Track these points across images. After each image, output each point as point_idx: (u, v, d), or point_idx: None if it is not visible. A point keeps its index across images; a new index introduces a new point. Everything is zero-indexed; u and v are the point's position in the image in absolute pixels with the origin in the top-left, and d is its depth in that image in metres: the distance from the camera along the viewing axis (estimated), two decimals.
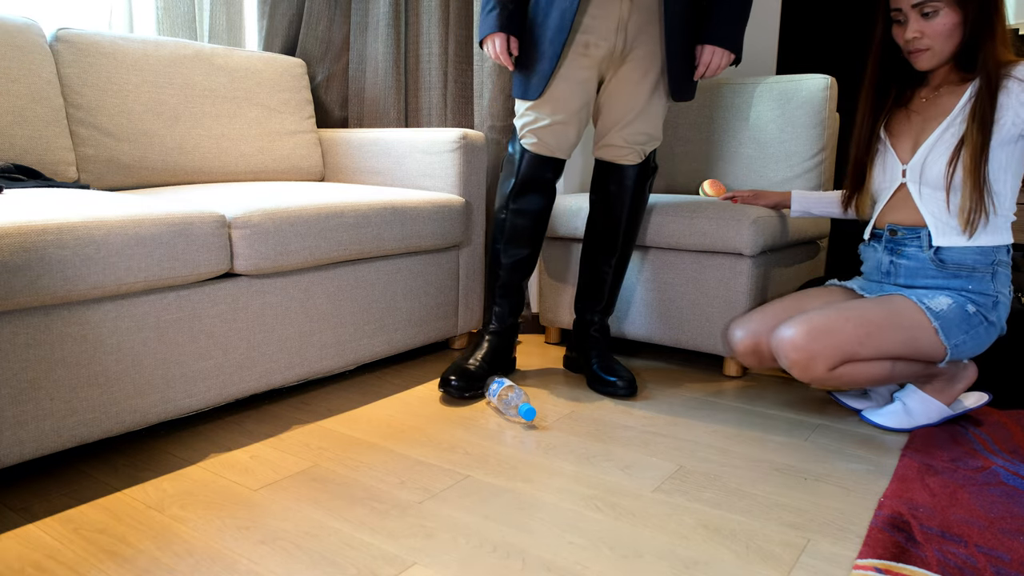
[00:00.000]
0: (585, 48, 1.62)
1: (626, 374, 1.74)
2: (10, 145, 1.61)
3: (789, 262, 2.09)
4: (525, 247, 1.77)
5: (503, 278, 1.79)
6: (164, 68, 1.91)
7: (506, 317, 1.82)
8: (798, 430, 1.55)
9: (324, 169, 2.33)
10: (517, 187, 1.73)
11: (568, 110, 1.66)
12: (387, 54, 2.32)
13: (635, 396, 1.74)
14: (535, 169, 1.71)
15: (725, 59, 1.63)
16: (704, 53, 1.62)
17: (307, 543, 1.07)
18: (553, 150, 1.70)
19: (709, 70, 1.64)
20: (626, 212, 1.75)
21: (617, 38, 1.62)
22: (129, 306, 1.28)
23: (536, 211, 1.75)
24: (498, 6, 1.62)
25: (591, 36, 1.61)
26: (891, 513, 1.16)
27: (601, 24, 1.61)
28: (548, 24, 1.60)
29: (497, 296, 1.81)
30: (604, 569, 1.01)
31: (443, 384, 1.68)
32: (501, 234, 1.77)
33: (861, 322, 1.45)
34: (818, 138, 2.25)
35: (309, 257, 1.58)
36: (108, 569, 0.99)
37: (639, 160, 1.72)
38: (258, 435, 1.47)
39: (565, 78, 1.64)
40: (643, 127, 1.69)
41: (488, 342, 1.80)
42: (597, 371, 1.77)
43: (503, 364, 1.83)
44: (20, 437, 1.16)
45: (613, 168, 1.73)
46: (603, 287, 1.82)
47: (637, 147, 1.70)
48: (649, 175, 1.76)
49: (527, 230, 1.75)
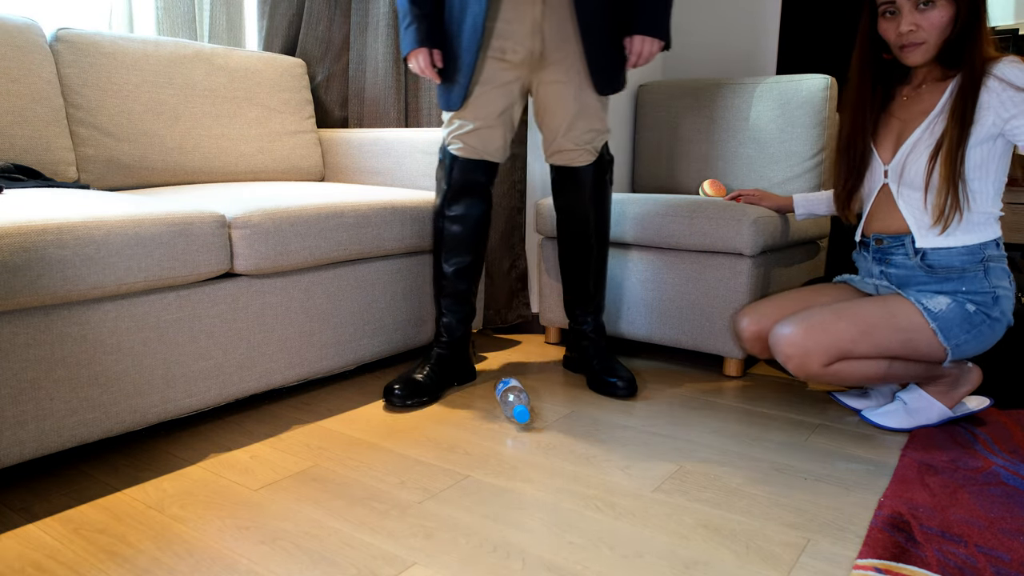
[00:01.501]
0: (502, 53, 1.61)
1: (626, 374, 1.74)
2: (10, 145, 1.61)
3: (789, 262, 2.09)
4: (466, 254, 1.73)
5: (448, 287, 1.75)
6: (164, 68, 1.91)
7: (455, 328, 1.77)
8: (798, 430, 1.55)
9: (324, 169, 2.33)
10: (450, 194, 1.70)
11: (491, 115, 1.65)
12: (387, 54, 2.32)
13: (635, 396, 1.74)
14: (466, 174, 1.69)
15: (656, 47, 1.62)
16: (634, 43, 1.61)
17: (307, 543, 1.07)
18: (480, 153, 1.68)
19: (641, 59, 1.63)
20: (592, 212, 1.74)
21: (534, 41, 1.61)
22: (129, 306, 1.28)
23: (472, 217, 1.71)
24: (415, 20, 1.61)
25: (507, 41, 1.60)
26: (891, 513, 1.16)
27: (516, 28, 1.59)
28: (463, 34, 1.60)
29: (444, 307, 1.76)
30: (604, 569, 1.01)
31: (386, 394, 1.65)
32: (440, 243, 1.74)
33: (856, 321, 1.45)
34: (818, 138, 2.25)
35: (309, 257, 1.58)
36: (108, 569, 0.99)
37: (592, 158, 1.70)
38: (258, 435, 1.47)
39: (485, 84, 1.63)
40: (587, 125, 1.67)
41: (437, 354, 1.75)
42: (597, 372, 1.77)
43: (457, 374, 1.79)
44: (20, 437, 1.16)
45: (569, 172, 1.72)
46: (587, 290, 1.81)
47: (587, 146, 1.69)
48: (605, 169, 1.74)
49: (466, 237, 1.72)
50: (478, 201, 1.72)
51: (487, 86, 1.64)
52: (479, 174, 1.70)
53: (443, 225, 1.73)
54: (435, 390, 1.69)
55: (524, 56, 1.62)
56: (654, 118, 2.54)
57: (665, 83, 2.52)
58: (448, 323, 1.76)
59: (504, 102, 1.66)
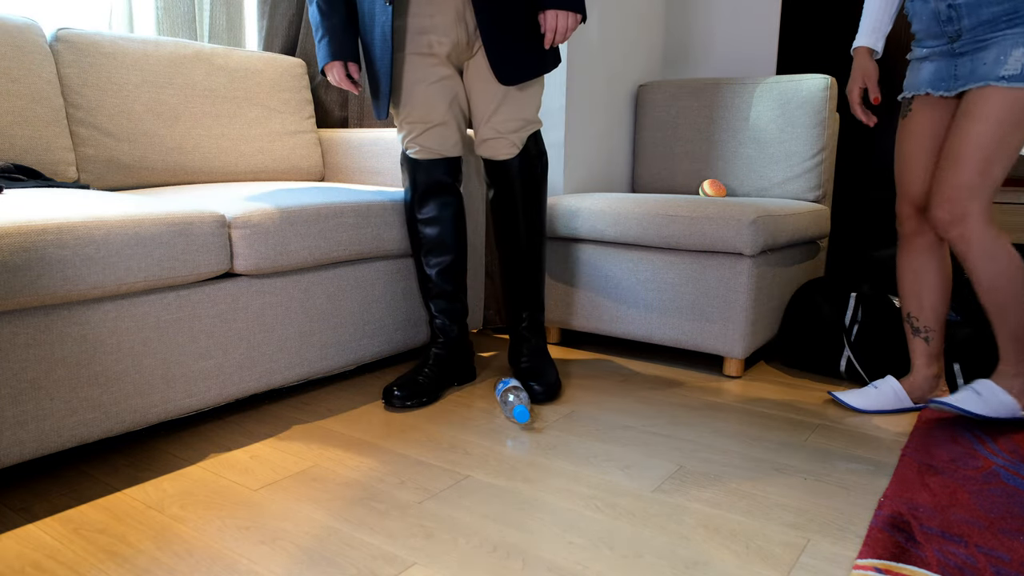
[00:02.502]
0: (429, 48, 1.59)
1: (551, 378, 1.70)
2: (10, 145, 1.61)
3: (789, 262, 2.09)
4: (446, 253, 1.72)
5: (434, 289, 1.74)
6: (164, 68, 1.91)
7: (449, 328, 1.76)
8: (798, 430, 1.55)
9: (324, 169, 2.33)
10: (418, 197, 1.70)
11: (436, 112, 1.63)
12: None
13: (554, 400, 1.70)
14: (428, 174, 1.68)
15: (572, 20, 1.55)
16: (547, 19, 1.54)
17: (307, 543, 1.07)
18: (438, 152, 1.67)
19: (557, 35, 1.56)
20: (520, 206, 1.70)
21: (458, 31, 1.58)
22: (129, 306, 1.28)
23: (445, 216, 1.70)
24: (327, 34, 1.61)
25: (432, 36, 1.58)
26: (891, 513, 1.16)
27: (439, 21, 1.57)
28: (374, 43, 1.59)
29: (435, 310, 1.75)
30: (604, 569, 1.01)
31: (386, 395, 1.64)
32: (418, 247, 1.74)
33: (971, 150, 1.41)
34: (818, 138, 2.25)
35: (309, 257, 1.58)
36: (108, 569, 0.99)
37: (516, 151, 1.66)
38: (258, 435, 1.47)
39: (419, 83, 1.61)
40: (512, 113, 1.63)
41: (435, 356, 1.74)
42: (523, 371, 1.74)
43: (457, 375, 1.78)
44: (20, 437, 1.16)
45: (494, 165, 1.69)
46: (522, 283, 1.76)
47: (510, 135, 1.64)
48: (534, 162, 1.69)
49: (442, 236, 1.71)
50: (448, 199, 1.71)
51: (421, 85, 1.61)
52: (442, 173, 1.69)
53: (417, 228, 1.72)
54: (435, 391, 1.69)
55: (450, 47, 1.59)
56: (654, 118, 2.54)
57: (665, 83, 2.52)
58: (441, 324, 1.76)
59: (445, 96, 1.63)
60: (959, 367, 1.74)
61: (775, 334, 2.07)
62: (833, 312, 1.92)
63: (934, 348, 1.65)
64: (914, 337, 1.67)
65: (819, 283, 2.00)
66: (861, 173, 2.69)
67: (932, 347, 1.65)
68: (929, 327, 1.64)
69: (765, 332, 1.98)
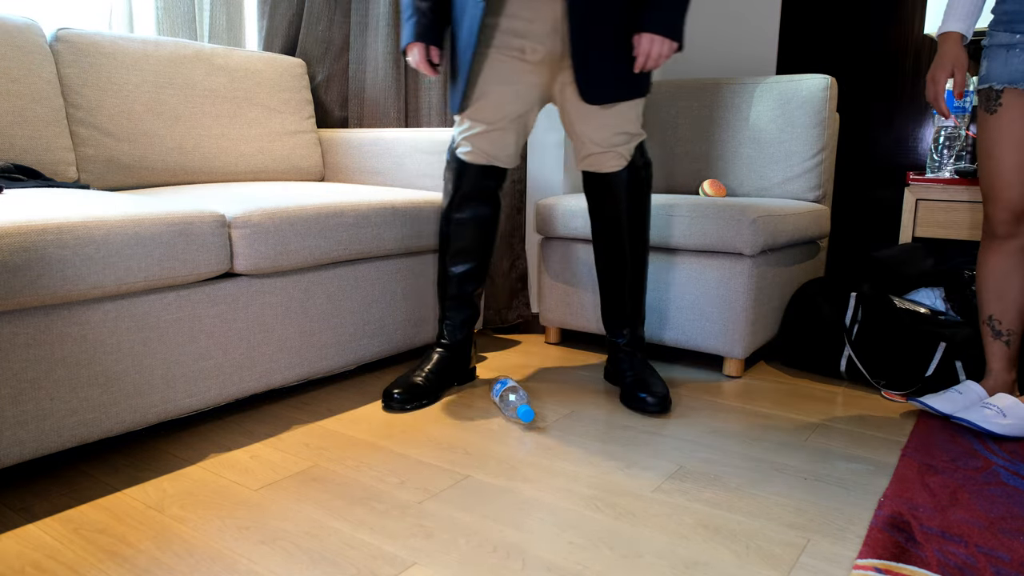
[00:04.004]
0: (521, 53, 1.55)
1: (661, 390, 1.63)
2: (10, 145, 1.61)
3: (789, 262, 2.09)
4: (472, 258, 1.71)
5: (452, 290, 1.72)
6: (164, 68, 1.91)
7: (457, 331, 1.74)
8: (798, 430, 1.55)
9: (324, 169, 2.33)
10: (458, 199, 1.67)
11: (504, 116, 1.60)
12: (387, 54, 2.32)
13: (668, 413, 1.64)
14: (474, 180, 1.65)
15: (666, 47, 1.50)
16: (642, 42, 1.49)
17: (307, 543, 1.07)
18: (490, 158, 1.64)
19: (650, 60, 1.50)
20: (626, 219, 1.65)
21: (554, 41, 1.54)
22: (129, 306, 1.28)
23: (480, 221, 1.68)
24: (416, 14, 1.58)
25: (526, 41, 1.54)
26: (891, 513, 1.16)
27: (536, 28, 1.53)
28: (461, 35, 1.55)
29: (448, 309, 1.74)
30: (604, 569, 1.01)
31: (385, 397, 1.63)
32: (447, 246, 1.71)
33: None
34: (818, 138, 2.25)
35: (309, 257, 1.58)
36: (108, 569, 0.99)
37: (623, 163, 1.61)
38: (258, 435, 1.47)
39: (501, 84, 1.57)
40: (615, 127, 1.58)
41: (438, 355, 1.73)
42: (629, 385, 1.67)
43: (456, 376, 1.77)
44: (20, 437, 1.16)
45: (600, 178, 1.64)
46: (622, 301, 1.71)
47: (615, 148, 1.60)
48: (641, 173, 1.65)
49: (472, 241, 1.69)
50: (486, 206, 1.68)
51: (503, 86, 1.57)
52: (489, 180, 1.66)
53: (449, 229, 1.70)
54: (434, 392, 1.69)
55: (544, 56, 1.56)
56: (654, 118, 2.54)
57: (665, 83, 2.52)
58: (451, 325, 1.74)
59: (519, 105, 1.60)
60: (961, 365, 1.74)
61: (775, 334, 2.07)
62: (833, 312, 1.92)
63: (1013, 352, 1.60)
64: (994, 340, 1.60)
65: (819, 283, 2.00)
66: (861, 173, 2.69)
67: (1012, 350, 1.59)
68: (1012, 330, 1.58)
69: (765, 332, 1.98)
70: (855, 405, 1.72)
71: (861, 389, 1.84)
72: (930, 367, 1.76)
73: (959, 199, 2.14)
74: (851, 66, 2.65)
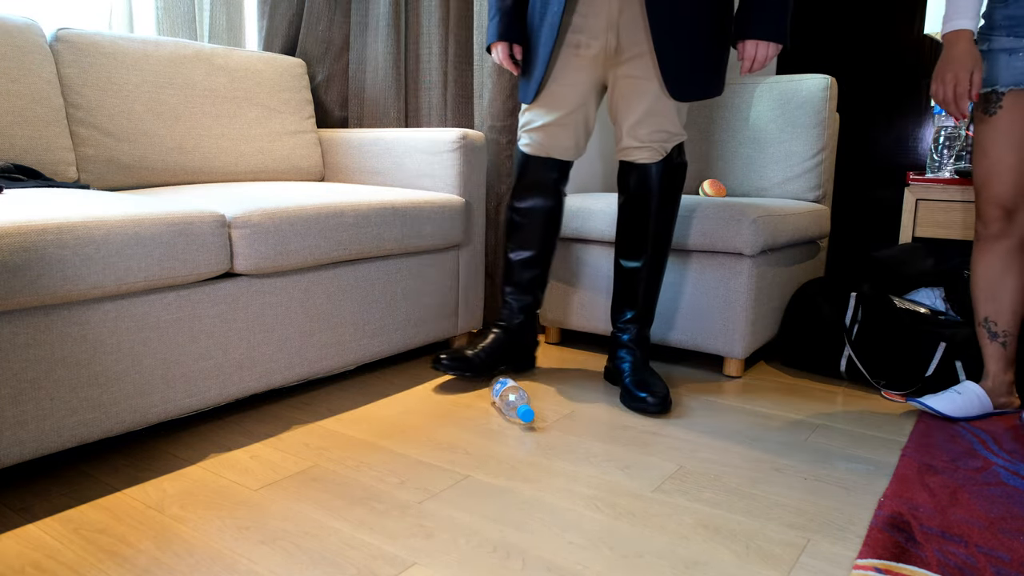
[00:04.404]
0: (577, 48, 1.63)
1: (660, 389, 1.63)
2: (10, 145, 1.61)
3: (789, 262, 2.09)
4: (531, 247, 1.79)
5: (513, 275, 1.82)
6: (164, 68, 1.91)
7: (515, 314, 1.82)
8: (798, 430, 1.55)
9: (324, 169, 2.33)
10: (519, 188, 1.77)
11: (563, 111, 1.68)
12: (387, 54, 2.32)
13: (668, 413, 1.64)
14: (535, 170, 1.74)
15: (772, 51, 1.55)
16: (746, 48, 1.56)
17: (307, 543, 1.07)
18: (548, 150, 1.71)
19: (756, 64, 1.56)
20: (654, 212, 1.68)
21: (608, 36, 1.61)
22: (129, 306, 1.28)
23: (539, 211, 1.76)
24: (498, 14, 1.69)
25: (582, 36, 1.62)
26: (891, 513, 1.16)
27: (592, 23, 1.61)
28: (542, 30, 1.64)
29: (507, 293, 1.83)
30: (604, 569, 1.01)
31: (434, 360, 1.74)
32: (509, 233, 1.82)
33: None
34: (818, 138, 2.25)
35: (309, 257, 1.58)
36: (108, 569, 0.99)
37: (659, 156, 1.65)
38: (258, 435, 1.47)
39: (559, 79, 1.66)
40: (658, 125, 1.63)
41: (493, 335, 1.82)
42: (629, 386, 1.67)
43: (511, 359, 1.83)
44: (20, 437, 1.16)
45: (634, 168, 1.68)
46: (636, 293, 1.74)
47: (655, 144, 1.64)
48: (675, 170, 1.68)
49: (532, 230, 1.77)
50: (546, 197, 1.76)
51: (560, 82, 1.66)
52: (549, 171, 1.74)
53: (511, 216, 1.81)
54: (481, 368, 1.75)
55: (598, 51, 1.63)
56: None
57: None
58: (509, 306, 1.83)
59: (577, 100, 1.67)
60: (960, 365, 1.74)
61: (775, 334, 2.07)
62: (833, 312, 1.92)
63: (1010, 353, 1.61)
64: (991, 342, 1.61)
65: (819, 283, 2.00)
66: (861, 173, 2.69)
67: (1008, 352, 1.61)
68: (1008, 332, 1.59)
69: (765, 332, 1.98)
70: (855, 405, 1.72)
71: (861, 389, 1.84)
72: (930, 367, 1.76)
73: (959, 199, 2.14)
74: (851, 66, 2.65)
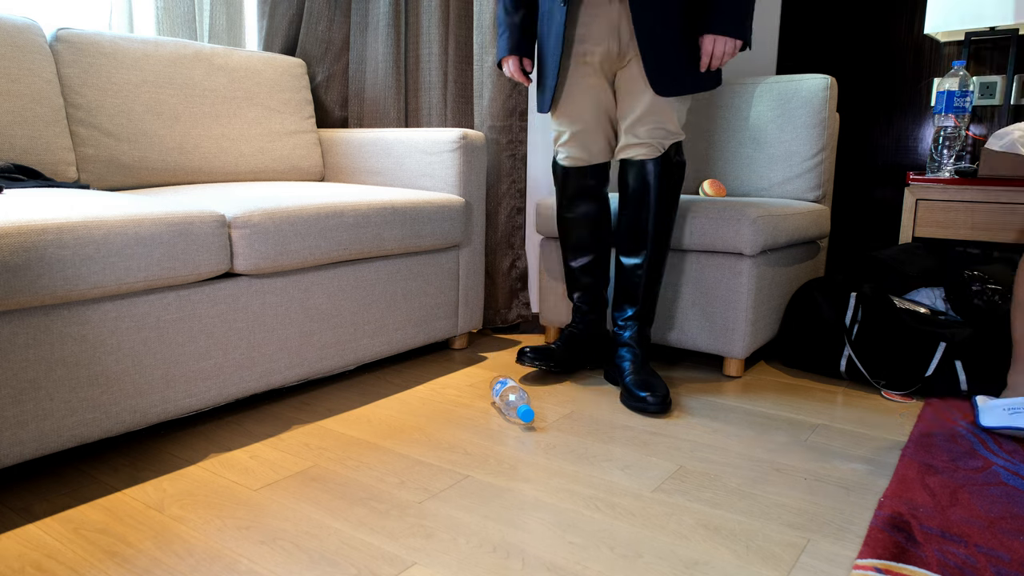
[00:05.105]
0: (583, 56, 1.70)
1: (660, 389, 1.63)
2: (10, 145, 1.61)
3: (789, 262, 2.09)
4: (587, 253, 1.85)
5: (576, 282, 1.88)
6: (164, 68, 1.91)
7: (586, 313, 1.90)
8: (798, 430, 1.55)
9: (324, 169, 2.33)
10: (565, 199, 1.84)
11: (584, 119, 1.74)
12: (387, 54, 2.32)
13: (668, 413, 1.63)
14: (574, 180, 1.80)
15: (730, 46, 1.58)
16: (704, 43, 1.59)
17: (307, 543, 1.07)
18: (582, 160, 1.77)
19: (714, 60, 1.60)
20: (652, 209, 1.70)
21: (610, 41, 1.66)
22: (129, 306, 1.28)
23: (589, 218, 1.82)
24: (508, 29, 1.76)
25: (587, 45, 1.68)
26: (891, 513, 1.16)
27: (594, 31, 1.66)
28: (549, 42, 1.70)
29: (574, 297, 1.91)
30: (604, 569, 1.01)
31: (519, 353, 1.81)
32: (564, 242, 1.88)
33: None
34: (818, 138, 2.25)
35: (309, 257, 1.58)
36: (108, 569, 0.99)
37: (657, 153, 1.67)
38: (258, 435, 1.47)
39: (572, 89, 1.72)
40: (656, 123, 1.66)
41: (568, 333, 1.90)
42: (629, 385, 1.67)
43: (587, 356, 1.89)
44: (20, 437, 1.16)
45: (632, 165, 1.70)
46: (636, 290, 1.75)
47: (653, 142, 1.67)
48: (672, 168, 1.70)
49: (584, 236, 1.83)
50: (592, 203, 1.82)
51: (574, 92, 1.72)
52: (587, 179, 1.80)
53: (563, 226, 1.87)
54: (564, 362, 1.82)
55: (602, 56, 1.68)
56: None
57: None
58: (578, 307, 1.90)
59: (595, 106, 1.73)
60: (960, 365, 1.74)
61: (775, 334, 2.07)
62: (833, 312, 1.92)
63: None
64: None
65: (819, 283, 2.00)
66: (861, 173, 2.69)
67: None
68: None
69: (765, 332, 1.98)
70: (855, 405, 1.72)
71: (861, 389, 1.84)
72: (930, 367, 1.76)
73: (959, 199, 2.14)
74: (851, 66, 2.65)
